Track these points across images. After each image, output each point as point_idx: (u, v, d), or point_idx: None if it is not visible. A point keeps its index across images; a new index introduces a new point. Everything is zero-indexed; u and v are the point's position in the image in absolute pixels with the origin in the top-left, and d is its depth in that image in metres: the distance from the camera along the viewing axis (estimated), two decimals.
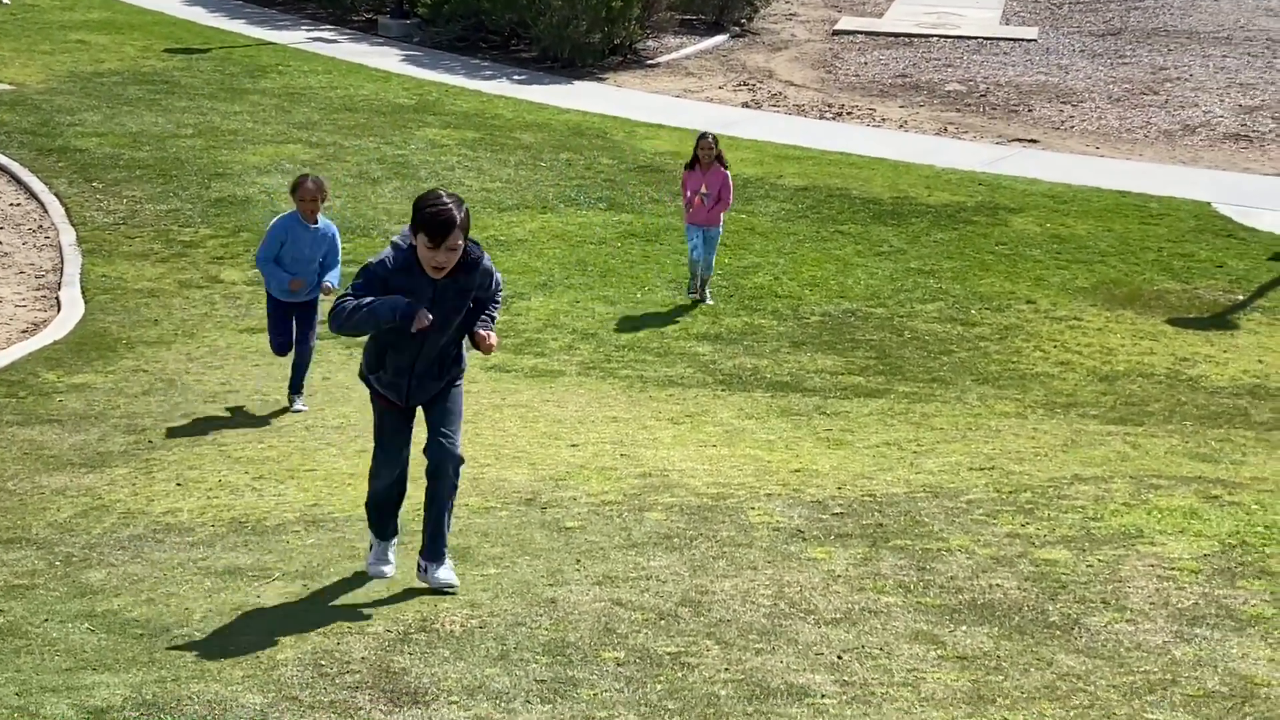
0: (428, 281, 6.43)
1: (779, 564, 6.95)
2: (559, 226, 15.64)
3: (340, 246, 10.84)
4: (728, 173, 13.85)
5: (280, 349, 10.82)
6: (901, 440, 9.93)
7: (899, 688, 5.46)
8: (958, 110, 21.59)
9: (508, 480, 8.58)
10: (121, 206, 15.91)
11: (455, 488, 6.76)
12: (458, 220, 6.28)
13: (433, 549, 6.71)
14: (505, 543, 7.31)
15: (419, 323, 6.36)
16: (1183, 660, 5.73)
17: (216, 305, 13.38)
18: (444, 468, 6.69)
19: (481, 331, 6.73)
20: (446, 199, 6.31)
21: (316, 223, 10.54)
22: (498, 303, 6.89)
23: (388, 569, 6.88)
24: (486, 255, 6.66)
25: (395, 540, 7.00)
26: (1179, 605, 6.33)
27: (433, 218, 6.24)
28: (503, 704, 5.29)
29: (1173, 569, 6.80)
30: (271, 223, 10.90)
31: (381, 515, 6.94)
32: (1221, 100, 22.01)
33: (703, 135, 13.85)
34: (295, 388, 10.76)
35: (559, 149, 18.53)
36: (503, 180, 17.16)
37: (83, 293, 13.53)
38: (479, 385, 11.33)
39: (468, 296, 6.62)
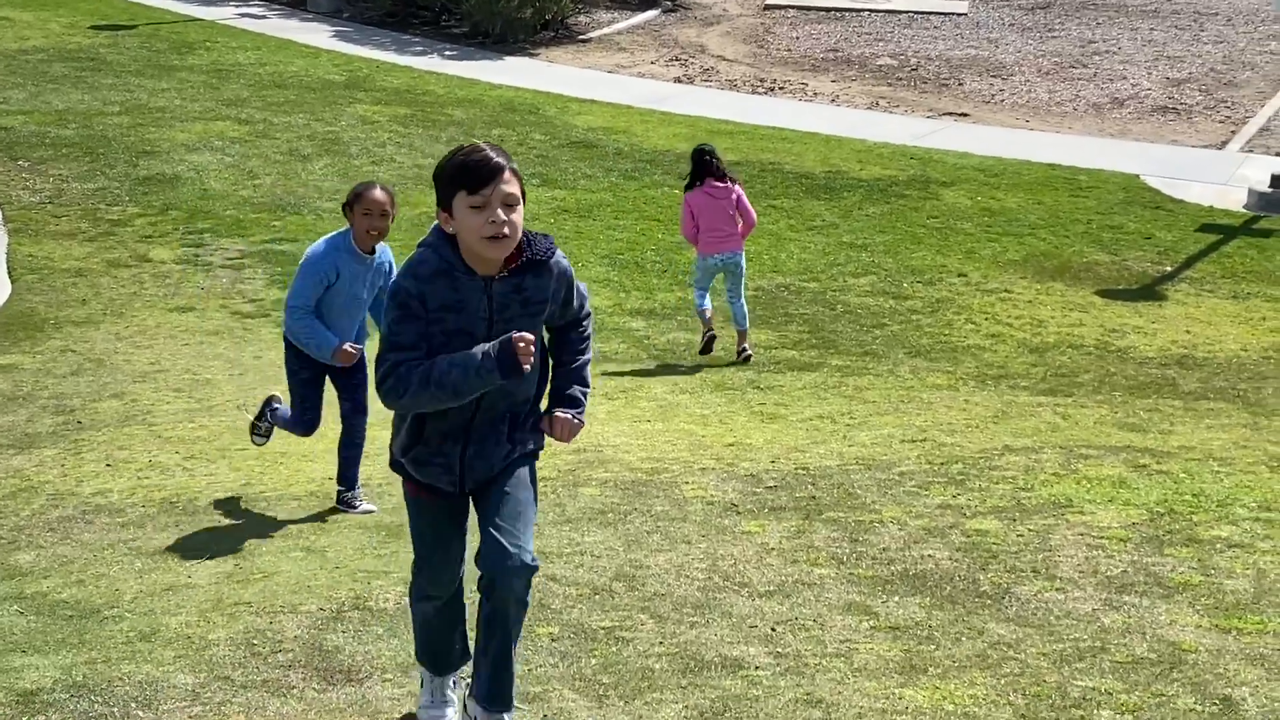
0: (478, 286, 4.42)
1: (713, 538, 6.96)
2: None
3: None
4: (740, 189, 11.91)
5: (309, 425, 7.80)
6: (834, 413, 9.97)
7: (832, 658, 5.49)
8: (889, 84, 21.66)
9: None
10: (48, 185, 15.72)
11: (525, 606, 4.71)
12: (506, 162, 4.33)
13: (494, 691, 4.67)
14: None
15: (523, 356, 4.33)
16: (1112, 628, 5.80)
17: (145, 284, 13.24)
18: (510, 584, 4.59)
19: (561, 415, 4.67)
20: (481, 144, 4.41)
21: (373, 250, 7.44)
22: (587, 341, 4.79)
23: (449, 713, 4.93)
24: (562, 254, 4.56)
25: (455, 676, 5.04)
26: (1108, 573, 6.40)
27: (469, 160, 4.31)
28: None
29: (1102, 538, 6.87)
30: (308, 252, 7.49)
31: (435, 644, 4.95)
32: (1149, 73, 22.20)
33: (706, 149, 11.99)
34: (347, 480, 7.72)
35: (491, 125, 18.46)
36: (435, 157, 17.04)
37: (9, 273, 13.37)
38: None
39: (540, 311, 4.53)
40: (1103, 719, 4.97)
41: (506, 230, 4.31)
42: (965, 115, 20.08)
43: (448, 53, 22.60)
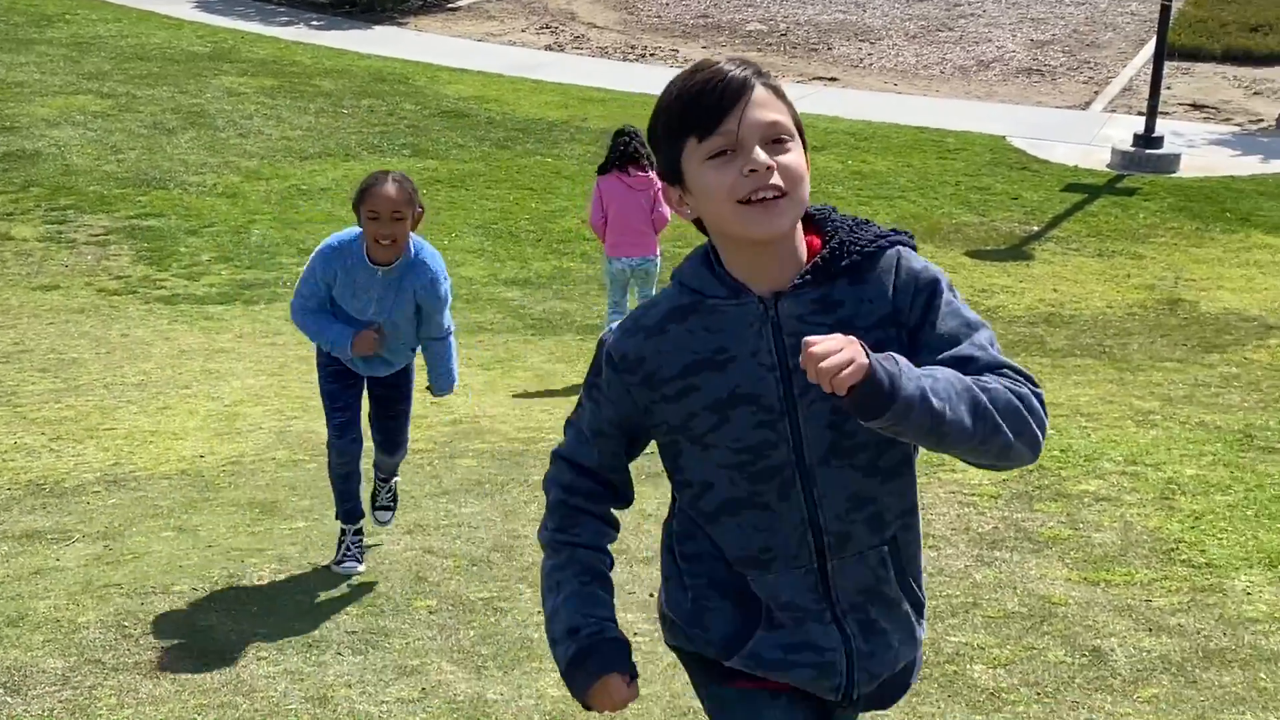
0: (753, 313, 2.55)
1: None
2: (362, 174, 15.37)
3: (447, 296, 6.02)
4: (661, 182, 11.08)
5: (344, 444, 6.14)
6: None
7: None
8: (759, 50, 21.74)
9: (316, 432, 8.45)
10: None
11: None
12: (754, 75, 2.51)
13: None
14: (314, 495, 7.21)
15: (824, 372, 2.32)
16: (983, 583, 5.88)
17: (7, 263, 12.93)
18: None
19: None
20: (712, 59, 2.55)
21: (392, 261, 5.82)
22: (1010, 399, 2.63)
23: None
24: (906, 244, 2.61)
25: None
26: (979, 530, 6.49)
27: (691, 86, 2.49)
28: (313, 656, 5.23)
29: (973, 495, 6.97)
30: (323, 244, 6.04)
31: None
32: (1014, 35, 22.48)
33: (628, 130, 10.47)
34: (377, 500, 6.60)
35: (360, 95, 18.24)
36: (303, 128, 16.84)
37: None
38: (284, 338, 11.15)
39: (876, 345, 2.44)
40: (975, 673, 5.04)
41: (777, 182, 2.42)
42: (834, 80, 20.21)
43: (314, 22, 22.27)
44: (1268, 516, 6.59)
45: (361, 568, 6.07)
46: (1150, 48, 18.07)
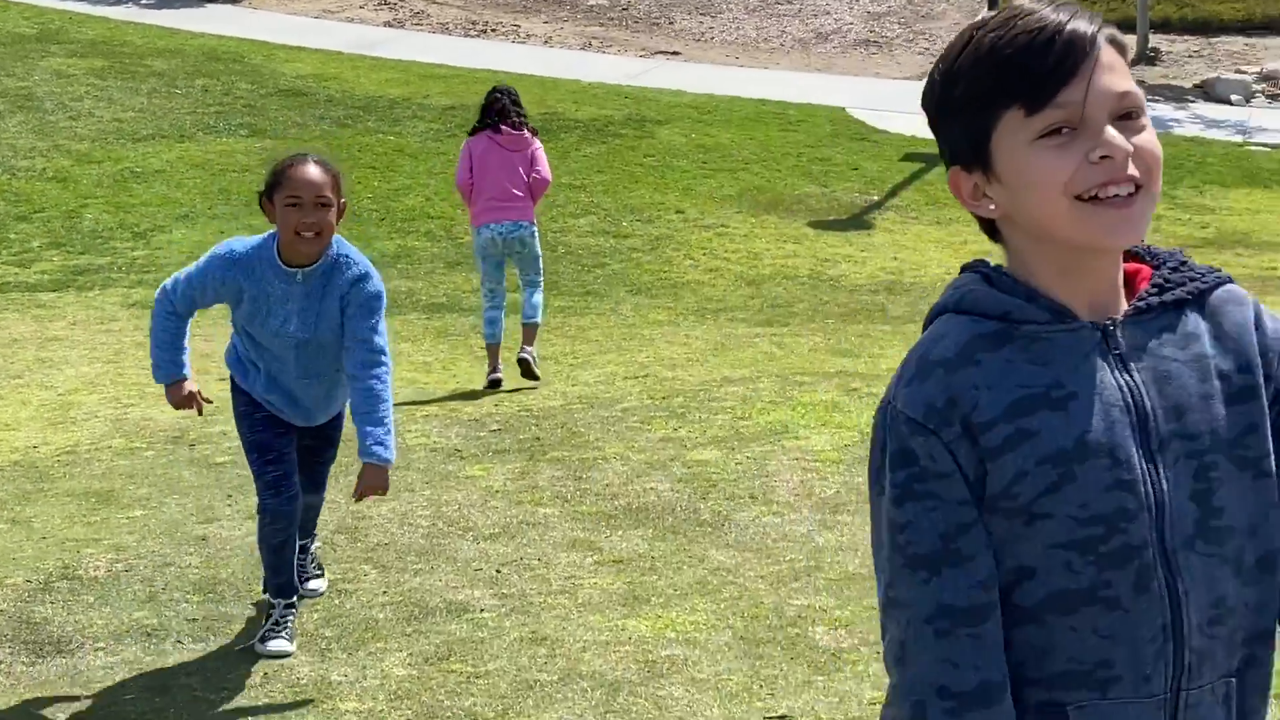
0: (1090, 344, 1.87)
1: (437, 484, 6.93)
2: (199, 155, 15.13)
3: (380, 302, 5.04)
4: (539, 143, 9.41)
5: (281, 504, 5.12)
6: (558, 354, 10.01)
7: (557, 595, 5.53)
8: (601, 25, 21.74)
9: (153, 419, 8.31)
10: None
11: None
12: (1095, 26, 1.82)
13: None
14: (152, 483, 7.08)
15: None
16: (825, 547, 5.96)
17: None
18: None
19: None
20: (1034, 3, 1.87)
21: (314, 259, 4.94)
22: None
23: None
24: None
25: None
26: (822, 495, 6.58)
27: (1015, 32, 1.81)
28: (153, 646, 5.14)
29: (816, 461, 7.06)
30: (215, 253, 5.06)
31: None
32: (851, 7, 22.74)
33: (501, 88, 9.53)
34: (305, 572, 5.61)
35: (194, 75, 17.91)
36: (136, 110, 16.49)
37: None
38: (120, 323, 10.93)
39: (1249, 416, 1.91)
40: (817, 635, 5.12)
41: (1134, 172, 1.82)
42: (677, 54, 20.28)
43: (145, 1, 21.80)
44: None
45: (292, 647, 5.08)
46: (984, 17, 18.38)
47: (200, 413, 5.33)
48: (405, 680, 4.86)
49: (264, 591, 5.32)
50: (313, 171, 4.88)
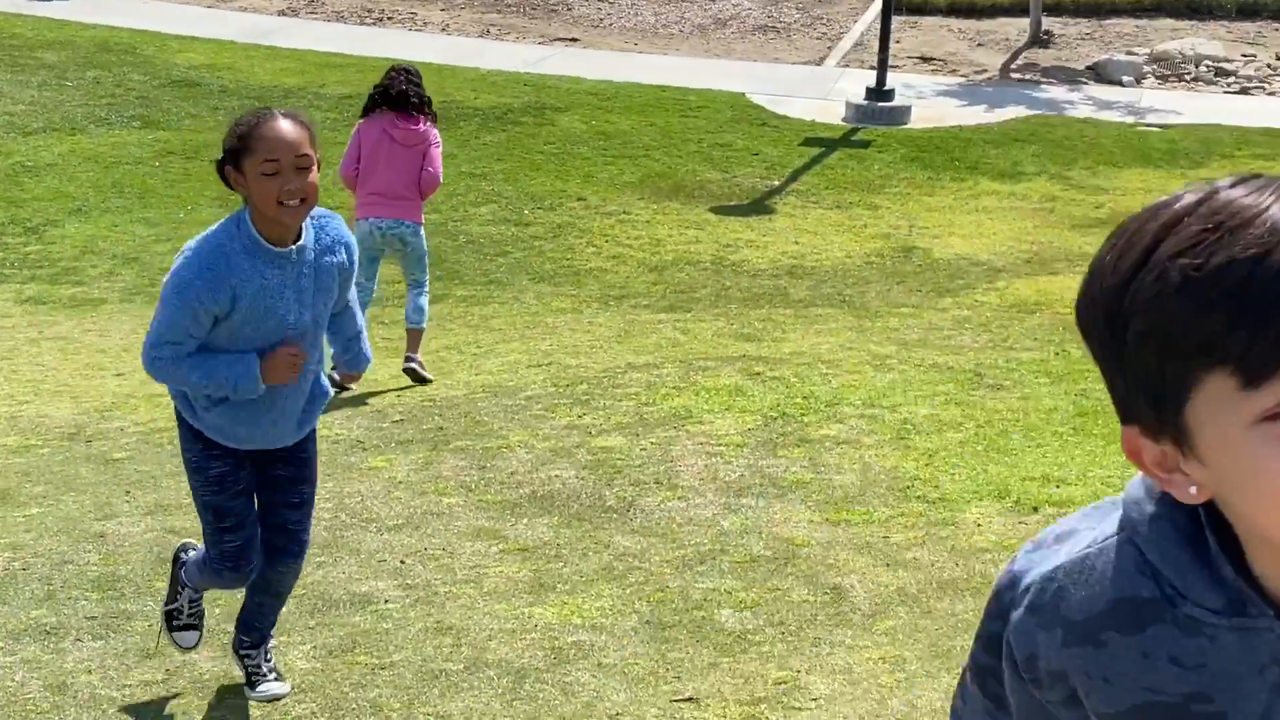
0: None
1: (339, 476, 6.88)
2: (91, 148, 14.90)
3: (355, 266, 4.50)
4: (438, 137, 8.80)
5: (236, 559, 4.49)
6: (460, 344, 9.97)
7: (462, 585, 5.52)
8: (499, 12, 21.65)
9: (49, 416, 8.18)
10: None
11: None
12: None
13: None
14: (49, 480, 6.97)
15: None
16: (730, 530, 5.99)
17: None
18: None
19: None
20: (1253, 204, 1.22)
21: (300, 236, 4.27)
22: None
23: None
24: None
25: None
26: (726, 478, 6.61)
27: (1254, 276, 1.18)
28: (51, 644, 5.07)
29: (720, 445, 7.09)
30: (173, 268, 4.23)
31: None
32: None
33: (402, 67, 8.90)
34: (252, 630, 4.78)
35: (85, 67, 17.63)
36: (26, 103, 16.20)
37: None
38: (13, 320, 10.75)
39: None
40: (723, 617, 5.15)
41: None
42: (575, 40, 20.25)
43: None
44: (995, 451, 6.85)
45: (285, 687, 4.67)
46: (879, 3, 18.52)
47: (301, 352, 4.28)
48: (310, 673, 4.83)
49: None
50: (286, 128, 4.12)
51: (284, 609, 5.30)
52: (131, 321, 10.65)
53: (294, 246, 4.23)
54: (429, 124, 8.66)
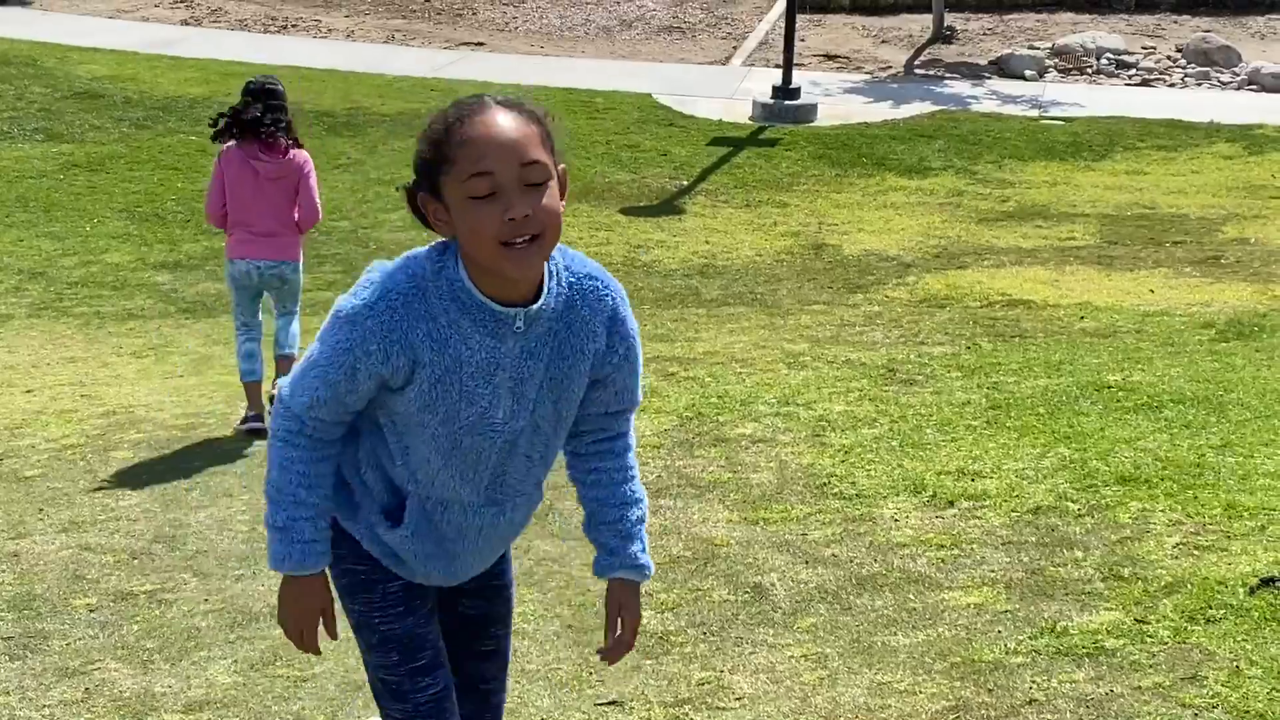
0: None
1: (256, 489, 6.83)
2: None
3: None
4: (310, 165, 7.84)
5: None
6: None
7: None
8: (404, 17, 21.58)
9: None
10: None
11: None
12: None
13: None
14: None
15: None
16: (649, 531, 6.01)
17: None
18: None
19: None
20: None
21: (535, 290, 2.99)
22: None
23: None
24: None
25: None
26: (644, 480, 6.61)
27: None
28: None
29: (637, 446, 7.11)
30: (340, 305, 2.94)
31: None
32: None
33: (273, 84, 7.68)
34: None
35: None
36: None
37: None
38: None
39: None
40: (644, 619, 5.17)
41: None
42: (481, 44, 20.22)
43: None
44: (911, 446, 6.94)
45: None
46: (783, 2, 18.65)
47: (321, 643, 3.22)
48: (231, 688, 4.81)
49: None
50: (504, 124, 2.84)
51: (204, 623, 5.26)
52: (40, 336, 10.52)
53: (523, 309, 2.91)
54: (294, 147, 7.70)
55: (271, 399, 7.26)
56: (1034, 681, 4.64)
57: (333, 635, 3.18)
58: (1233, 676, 4.58)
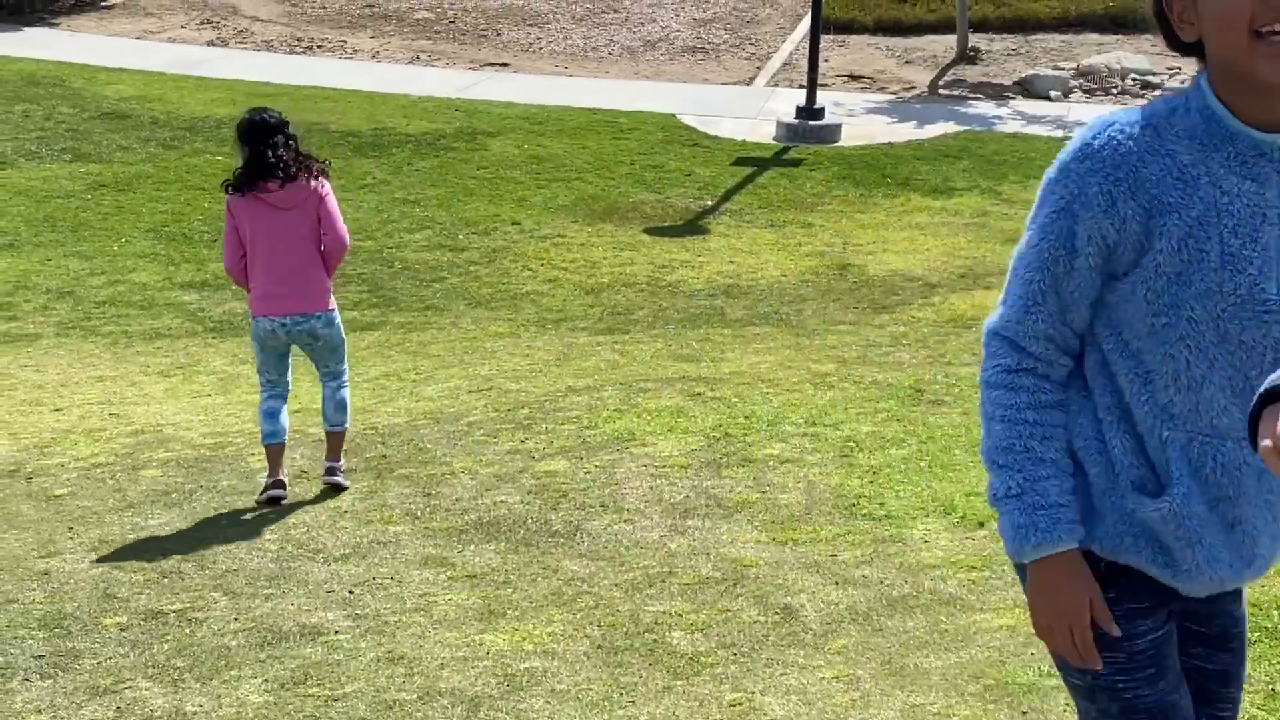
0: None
1: (284, 506, 6.85)
2: (21, 182, 14.77)
3: None
4: (328, 188, 7.06)
5: None
6: (400, 370, 9.95)
7: (411, 614, 5.51)
8: (429, 38, 21.65)
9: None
10: None
11: None
12: None
13: None
14: None
15: None
16: (678, 552, 6.01)
17: None
18: None
19: None
20: None
21: None
22: None
23: None
24: None
25: None
26: (671, 500, 6.64)
27: None
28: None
29: (664, 466, 7.11)
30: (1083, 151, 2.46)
31: None
32: (677, 15, 22.93)
33: (261, 118, 7.02)
34: None
35: (14, 100, 17.47)
36: None
37: None
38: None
39: None
40: (674, 640, 5.16)
41: None
42: (506, 65, 20.27)
43: None
44: (939, 467, 6.92)
45: None
46: (806, 22, 18.65)
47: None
48: (262, 707, 4.81)
49: None
50: None
51: (234, 642, 5.27)
52: (69, 356, 10.57)
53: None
54: (309, 177, 6.97)
55: (336, 486, 6.85)
56: (1069, 704, 4.62)
57: (1111, 630, 2.37)
58: (1269, 700, 4.55)
